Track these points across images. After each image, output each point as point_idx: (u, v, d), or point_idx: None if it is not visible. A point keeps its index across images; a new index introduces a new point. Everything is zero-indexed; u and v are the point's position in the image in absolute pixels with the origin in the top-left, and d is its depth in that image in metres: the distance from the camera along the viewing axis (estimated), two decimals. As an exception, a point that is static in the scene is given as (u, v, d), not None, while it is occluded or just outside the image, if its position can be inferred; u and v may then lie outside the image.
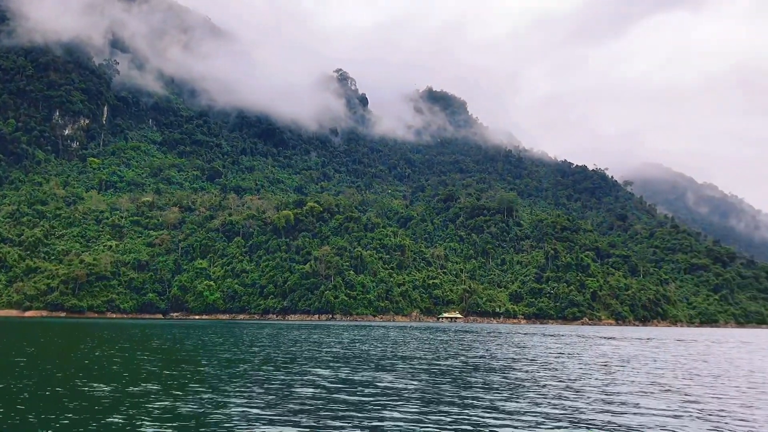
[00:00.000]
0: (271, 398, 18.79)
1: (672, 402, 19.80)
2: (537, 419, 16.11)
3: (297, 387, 21.33)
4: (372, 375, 25.47)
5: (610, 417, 16.67)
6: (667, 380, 26.14)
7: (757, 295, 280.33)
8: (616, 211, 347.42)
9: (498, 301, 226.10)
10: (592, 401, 19.42)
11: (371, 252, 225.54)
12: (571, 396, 20.55)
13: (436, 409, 17.13)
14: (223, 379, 23.65)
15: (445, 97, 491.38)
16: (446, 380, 24.33)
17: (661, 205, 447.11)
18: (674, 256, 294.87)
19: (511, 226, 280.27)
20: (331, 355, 36.66)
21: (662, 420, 16.38)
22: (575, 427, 15.21)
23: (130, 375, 24.58)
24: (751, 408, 19.13)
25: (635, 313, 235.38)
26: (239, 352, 37.73)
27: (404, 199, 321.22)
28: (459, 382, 23.66)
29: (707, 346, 63.20)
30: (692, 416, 17.21)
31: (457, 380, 24.40)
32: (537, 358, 38.18)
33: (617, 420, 16.22)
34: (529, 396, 20.44)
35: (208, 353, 36.88)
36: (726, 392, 22.52)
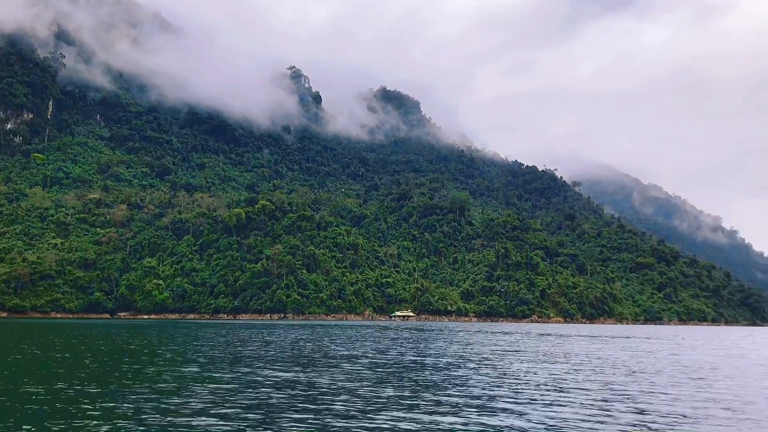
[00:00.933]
0: (208, 398, 18.71)
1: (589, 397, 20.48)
2: (471, 416, 16.47)
3: (237, 387, 21.28)
4: (314, 374, 25.62)
5: (541, 412, 17.19)
6: (592, 376, 26.98)
7: (698, 293, 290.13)
8: (564, 211, 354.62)
9: (450, 300, 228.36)
10: (527, 397, 19.94)
11: (324, 251, 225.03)
12: (507, 391, 21.06)
13: (372, 408, 17.33)
14: (164, 379, 23.43)
15: (399, 97, 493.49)
16: (387, 378, 24.61)
17: (608, 205, 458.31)
18: (620, 255, 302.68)
19: (463, 225, 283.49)
20: (277, 354, 36.60)
21: (579, 414, 16.97)
22: (506, 418, 15.69)
23: (67, 375, 24.14)
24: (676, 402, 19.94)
25: (583, 311, 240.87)
26: (183, 352, 37.35)
27: (358, 198, 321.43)
28: (399, 380, 23.94)
29: (650, 342, 65.23)
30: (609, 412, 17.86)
31: (398, 378, 24.69)
32: (480, 355, 38.85)
33: (540, 414, 16.74)
34: (468, 392, 20.85)
35: (151, 353, 36.41)
36: (653, 387, 23.36)
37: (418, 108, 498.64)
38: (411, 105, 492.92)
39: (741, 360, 39.20)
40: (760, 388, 23.63)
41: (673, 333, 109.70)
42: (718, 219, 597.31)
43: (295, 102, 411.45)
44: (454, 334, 79.73)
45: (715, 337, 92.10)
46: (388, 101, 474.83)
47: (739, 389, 23.05)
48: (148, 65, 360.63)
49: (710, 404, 19.01)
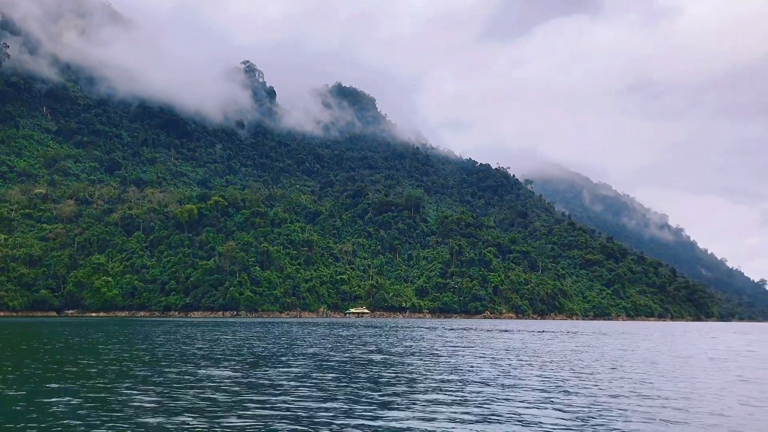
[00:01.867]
0: (151, 398, 18.40)
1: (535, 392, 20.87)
2: (415, 411, 16.57)
3: (180, 386, 20.96)
4: (258, 372, 25.47)
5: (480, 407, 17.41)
6: (533, 371, 27.49)
7: (646, 289, 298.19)
8: (517, 208, 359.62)
9: (404, 296, 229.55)
10: (473, 392, 20.17)
11: (278, 247, 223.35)
12: (453, 386, 21.28)
13: (315, 405, 17.29)
14: (106, 378, 22.92)
15: (354, 93, 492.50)
16: (333, 375, 24.62)
17: (559, 203, 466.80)
18: (571, 252, 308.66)
19: (418, 222, 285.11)
20: (226, 352, 36.21)
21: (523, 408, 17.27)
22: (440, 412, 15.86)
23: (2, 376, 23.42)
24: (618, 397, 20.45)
25: (534, 307, 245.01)
26: (129, 350, 36.61)
27: (312, 195, 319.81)
28: (347, 377, 23.98)
29: (596, 338, 66.68)
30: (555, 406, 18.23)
31: (346, 375, 24.73)
32: (429, 351, 39.14)
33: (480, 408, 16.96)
34: (413, 387, 20.98)
35: (95, 352, 35.56)
36: (597, 383, 23.90)
37: (374, 105, 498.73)
38: (366, 102, 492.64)
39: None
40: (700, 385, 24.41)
41: (624, 329, 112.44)
42: (665, 217, 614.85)
43: (248, 97, 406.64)
44: (406, 330, 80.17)
45: (688, 334, 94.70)
46: (343, 97, 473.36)
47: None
48: (97, 57, 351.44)
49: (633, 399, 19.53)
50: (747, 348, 50.26)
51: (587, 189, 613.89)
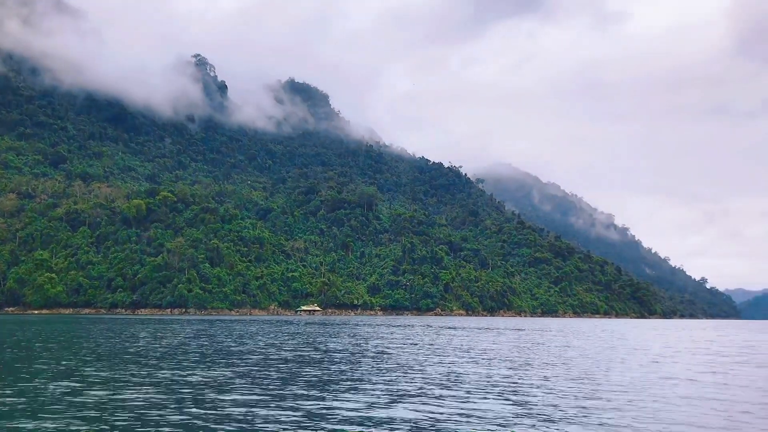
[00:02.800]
0: (68, 398, 18.02)
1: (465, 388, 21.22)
2: (352, 409, 16.63)
3: (117, 385, 20.59)
4: (199, 371, 25.23)
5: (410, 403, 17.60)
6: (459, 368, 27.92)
7: (592, 287, 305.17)
8: (468, 207, 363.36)
9: (356, 294, 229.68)
10: (418, 390, 20.37)
11: (228, 244, 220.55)
12: (399, 384, 21.43)
13: (253, 404, 17.21)
14: (36, 378, 22.33)
15: (307, 89, 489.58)
16: (276, 373, 24.53)
17: (509, 202, 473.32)
18: (520, 250, 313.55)
19: (371, 220, 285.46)
20: (163, 351, 35.69)
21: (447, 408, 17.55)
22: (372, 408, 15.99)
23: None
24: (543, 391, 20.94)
25: (484, 304, 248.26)
26: (66, 349, 35.72)
27: (264, 191, 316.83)
28: (289, 375, 23.91)
29: (540, 334, 67.94)
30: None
31: (288, 373, 24.66)
32: (373, 348, 39.32)
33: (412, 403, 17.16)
34: (354, 385, 21.05)
35: (27, 351, 34.56)
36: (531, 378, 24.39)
37: (327, 101, 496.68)
38: (320, 98, 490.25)
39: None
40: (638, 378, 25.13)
41: (565, 325, 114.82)
42: (611, 217, 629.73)
43: (199, 91, 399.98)
44: (356, 327, 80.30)
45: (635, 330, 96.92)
46: (296, 93, 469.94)
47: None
48: (41, 47, 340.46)
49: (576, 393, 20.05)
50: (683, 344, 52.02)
51: (537, 188, 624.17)
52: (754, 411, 17.06)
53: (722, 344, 52.90)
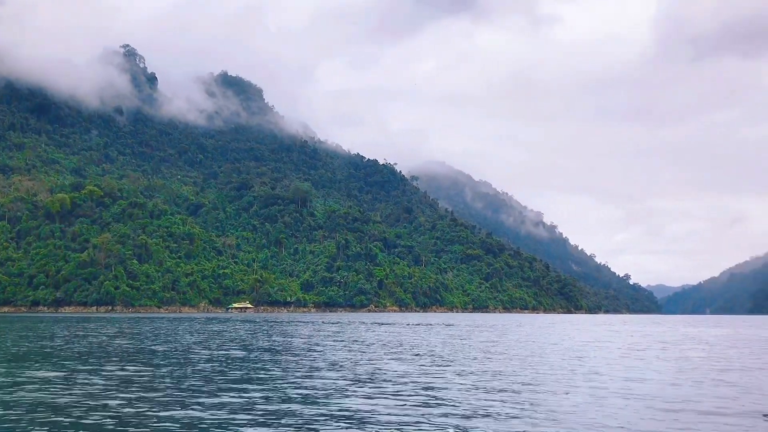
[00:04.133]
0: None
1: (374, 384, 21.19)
2: (268, 408, 16.27)
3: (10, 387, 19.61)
4: (106, 369, 24.41)
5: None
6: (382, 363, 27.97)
7: (521, 283, 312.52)
8: (403, 204, 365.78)
9: (289, 291, 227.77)
10: (339, 387, 20.09)
11: (157, 240, 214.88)
12: (319, 381, 21.14)
13: (160, 404, 16.67)
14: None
15: (241, 83, 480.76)
16: (192, 373, 23.89)
17: (442, 199, 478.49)
18: (452, 247, 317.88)
19: (305, 216, 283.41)
20: (79, 350, 34.32)
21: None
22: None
23: None
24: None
25: (417, 300, 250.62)
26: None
27: (195, 186, 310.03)
28: (207, 375, 23.32)
29: (469, 330, 68.84)
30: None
31: (206, 372, 24.07)
32: (298, 346, 38.94)
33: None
34: (272, 384, 20.64)
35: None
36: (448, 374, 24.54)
37: (261, 95, 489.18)
38: (253, 92, 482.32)
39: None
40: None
41: (494, 320, 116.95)
42: (540, 215, 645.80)
43: (127, 82, 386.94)
44: (286, 324, 79.53)
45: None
46: (228, 87, 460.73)
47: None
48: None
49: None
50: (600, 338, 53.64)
51: (469, 186, 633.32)
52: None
53: (638, 337, 54.82)
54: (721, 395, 18.88)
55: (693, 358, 32.57)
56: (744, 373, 25.20)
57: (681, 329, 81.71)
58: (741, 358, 32.62)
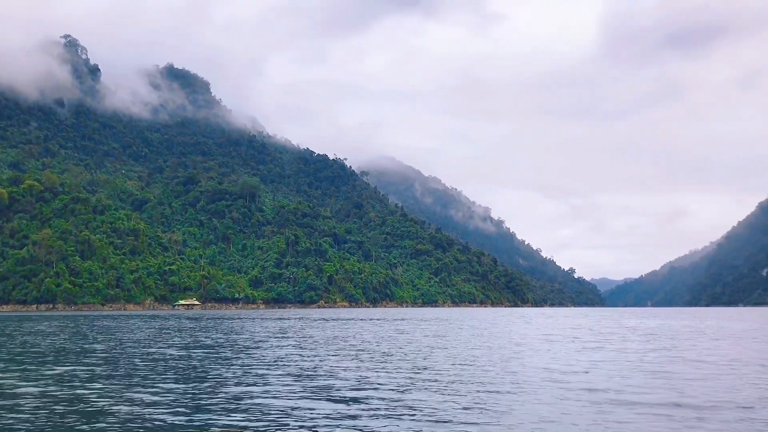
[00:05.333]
0: None
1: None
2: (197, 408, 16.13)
3: None
4: (39, 369, 23.81)
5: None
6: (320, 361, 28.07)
7: (469, 277, 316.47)
8: (353, 199, 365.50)
9: (237, 287, 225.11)
10: (270, 386, 20.01)
11: (101, 236, 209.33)
12: (253, 378, 21.01)
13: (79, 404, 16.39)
14: None
15: (187, 76, 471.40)
16: (119, 371, 23.52)
17: (392, 195, 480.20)
18: (402, 242, 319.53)
19: (253, 211, 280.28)
20: (12, 349, 33.33)
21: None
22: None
23: None
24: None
25: (367, 296, 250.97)
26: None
27: (140, 181, 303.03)
28: (134, 373, 22.98)
29: (413, 325, 69.37)
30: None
31: (133, 371, 23.71)
32: (243, 343, 38.62)
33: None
34: (205, 383, 20.46)
35: None
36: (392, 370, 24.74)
37: (208, 89, 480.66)
38: (200, 85, 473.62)
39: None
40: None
41: (443, 314, 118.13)
42: (488, 210, 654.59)
43: (68, 73, 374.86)
44: (232, 321, 78.65)
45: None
46: (174, 79, 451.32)
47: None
48: None
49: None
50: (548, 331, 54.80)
51: (419, 182, 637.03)
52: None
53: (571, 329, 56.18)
54: (639, 384, 19.47)
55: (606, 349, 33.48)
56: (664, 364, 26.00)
57: (605, 321, 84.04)
58: (670, 349, 33.76)
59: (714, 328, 63.08)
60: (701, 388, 18.59)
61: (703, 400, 16.48)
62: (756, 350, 33.14)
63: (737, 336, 47.48)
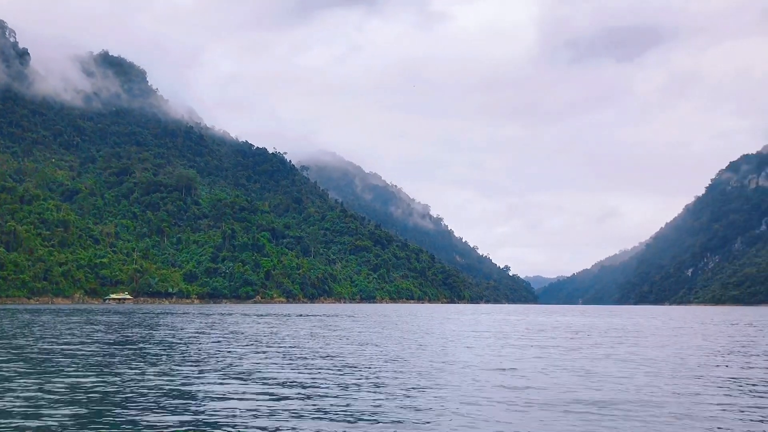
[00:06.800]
0: None
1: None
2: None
3: None
4: None
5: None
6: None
7: (408, 274, 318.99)
8: (292, 194, 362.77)
9: (171, 281, 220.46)
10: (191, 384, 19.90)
11: (28, 227, 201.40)
12: (175, 377, 20.83)
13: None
14: None
15: (122, 63, 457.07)
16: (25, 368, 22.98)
17: (332, 190, 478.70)
18: (342, 238, 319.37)
19: (189, 204, 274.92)
20: None
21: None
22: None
23: None
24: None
25: (305, 291, 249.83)
26: None
27: (71, 170, 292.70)
28: (43, 369, 22.47)
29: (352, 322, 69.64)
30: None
31: (43, 367, 23.17)
32: (161, 338, 38.01)
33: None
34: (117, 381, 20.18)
35: None
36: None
37: (144, 78, 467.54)
38: (136, 74, 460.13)
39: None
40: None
41: (380, 310, 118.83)
42: (427, 207, 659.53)
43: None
44: (162, 316, 77.14)
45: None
46: (109, 67, 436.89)
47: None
48: None
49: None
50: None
51: (359, 178, 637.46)
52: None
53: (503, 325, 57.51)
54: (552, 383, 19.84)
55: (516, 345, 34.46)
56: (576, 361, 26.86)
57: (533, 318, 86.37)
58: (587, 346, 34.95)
59: (639, 325, 65.47)
60: (617, 386, 19.21)
61: (614, 397, 16.93)
62: (675, 348, 34.59)
63: (660, 334, 49.47)
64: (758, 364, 26.17)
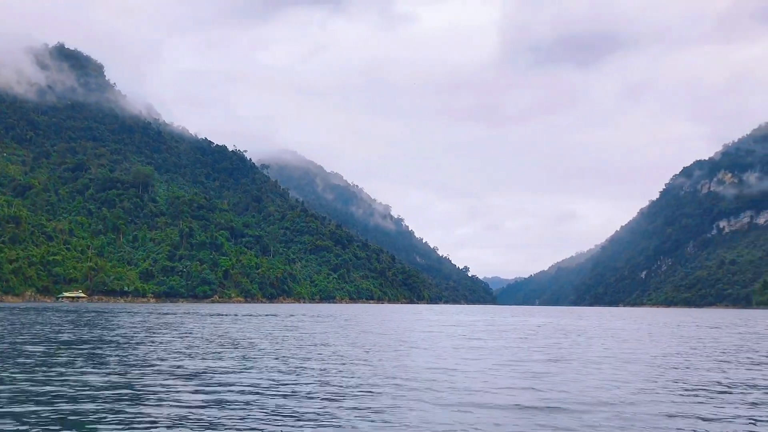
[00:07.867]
0: None
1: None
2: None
3: None
4: None
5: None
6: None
7: (368, 274, 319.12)
8: (252, 192, 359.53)
9: (127, 280, 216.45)
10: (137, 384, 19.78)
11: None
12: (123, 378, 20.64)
13: None
14: None
15: (79, 57, 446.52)
16: None
17: (293, 189, 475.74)
18: (302, 238, 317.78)
19: (146, 201, 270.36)
20: None
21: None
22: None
23: None
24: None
25: (264, 291, 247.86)
26: None
27: (23, 165, 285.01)
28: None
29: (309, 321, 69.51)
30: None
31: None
32: (110, 338, 37.47)
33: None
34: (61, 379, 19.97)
35: None
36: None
37: (102, 72, 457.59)
38: (93, 67, 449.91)
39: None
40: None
41: (339, 310, 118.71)
42: (388, 207, 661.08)
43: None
44: (115, 315, 75.81)
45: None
46: (65, 60, 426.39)
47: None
48: None
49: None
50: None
51: (320, 177, 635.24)
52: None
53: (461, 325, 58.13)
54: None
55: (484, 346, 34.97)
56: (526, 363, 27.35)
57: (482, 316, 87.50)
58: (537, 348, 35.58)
59: (593, 326, 66.77)
60: (567, 387, 19.40)
61: (564, 399, 17.03)
62: (627, 348, 35.41)
63: (612, 335, 50.55)
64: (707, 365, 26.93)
